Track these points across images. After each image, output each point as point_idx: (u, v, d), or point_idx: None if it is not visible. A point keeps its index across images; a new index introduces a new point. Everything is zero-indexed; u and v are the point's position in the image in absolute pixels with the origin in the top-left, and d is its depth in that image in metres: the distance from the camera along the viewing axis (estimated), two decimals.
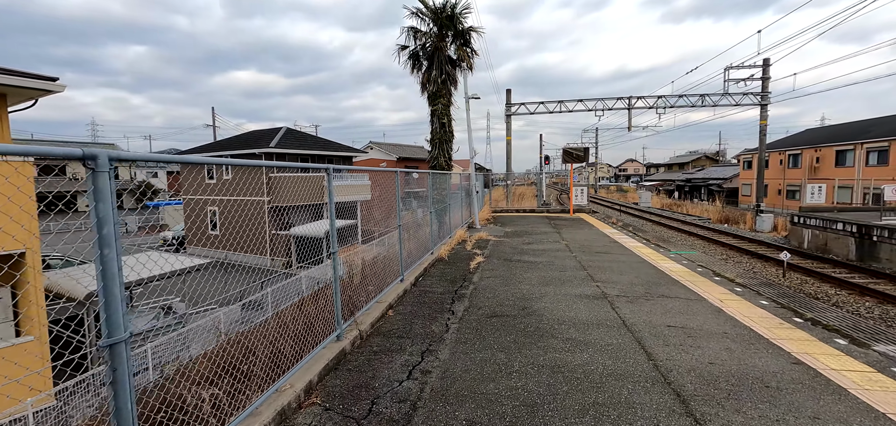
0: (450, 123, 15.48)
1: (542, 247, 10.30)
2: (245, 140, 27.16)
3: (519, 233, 12.84)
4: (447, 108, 15.31)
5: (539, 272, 7.71)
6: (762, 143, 28.97)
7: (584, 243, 10.93)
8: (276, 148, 23.18)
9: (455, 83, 15.48)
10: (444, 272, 7.78)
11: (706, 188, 60.98)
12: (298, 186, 23.74)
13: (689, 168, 79.34)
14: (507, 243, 10.99)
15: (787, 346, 4.33)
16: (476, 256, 9.08)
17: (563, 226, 14.53)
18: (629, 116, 29.32)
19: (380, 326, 5.02)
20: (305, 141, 26.08)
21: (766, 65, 27.80)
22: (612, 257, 9.08)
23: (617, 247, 10.32)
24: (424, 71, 15.36)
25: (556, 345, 4.41)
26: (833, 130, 41.92)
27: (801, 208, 19.42)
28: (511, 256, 9.23)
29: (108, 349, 1.93)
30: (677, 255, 9.36)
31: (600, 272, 7.69)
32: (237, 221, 24.67)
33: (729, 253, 16.38)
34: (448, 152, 15.42)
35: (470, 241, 11.04)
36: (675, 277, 7.28)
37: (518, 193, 33.85)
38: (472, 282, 7.07)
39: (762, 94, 28.04)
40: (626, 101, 28.88)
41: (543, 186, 23.62)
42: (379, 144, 42.51)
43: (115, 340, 1.94)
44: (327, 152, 26.28)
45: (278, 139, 24.32)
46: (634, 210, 37.30)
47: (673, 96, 28.59)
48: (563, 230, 13.61)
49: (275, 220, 23.76)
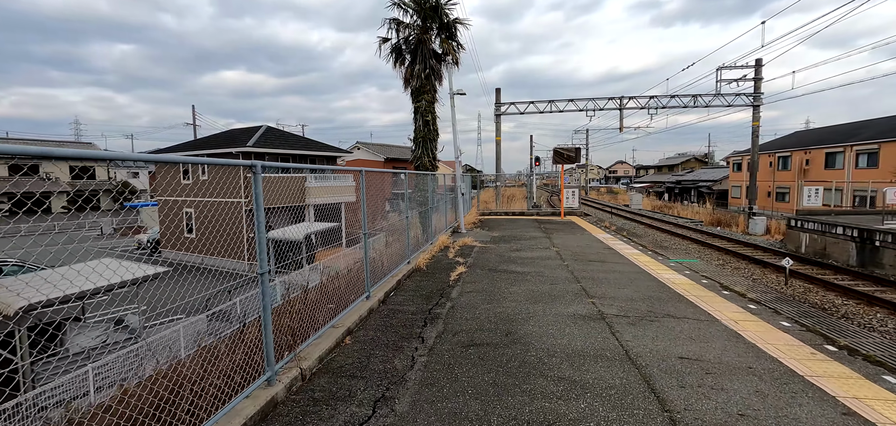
0: (434, 121, 14.59)
1: (531, 255, 9.44)
2: (222, 139, 25.96)
3: (506, 239, 11.99)
4: (431, 105, 14.42)
5: (527, 285, 6.84)
6: (755, 144, 28.57)
7: (577, 250, 10.10)
8: (254, 147, 22.07)
9: (440, 78, 14.59)
10: (420, 286, 6.87)
11: (696, 190, 60.96)
12: (278, 188, 22.66)
13: (679, 170, 79.50)
14: (493, 250, 10.11)
15: (830, 388, 3.50)
16: (458, 266, 8.18)
17: (554, 231, 13.71)
18: (621, 117, 28.75)
19: (331, 360, 4.08)
20: (286, 140, 24.99)
21: (758, 65, 27.40)
22: (607, 266, 8.25)
23: (612, 255, 9.50)
24: (407, 65, 14.45)
25: (545, 388, 3.52)
26: (822, 133, 41.89)
27: (798, 211, 18.89)
28: (496, 265, 8.34)
29: None
30: (678, 264, 8.57)
31: (596, 285, 6.84)
32: (214, 224, 23.49)
33: (726, 258, 15.72)
34: (432, 152, 14.52)
35: (453, 248, 10.15)
36: (680, 291, 6.46)
37: (508, 195, 33.12)
38: (450, 298, 6.17)
39: (754, 95, 27.63)
40: (617, 101, 28.29)
41: (534, 188, 22.84)
42: (366, 145, 41.46)
43: None
44: (309, 152, 25.21)
45: (257, 138, 23.20)
46: (626, 212, 36.77)
47: (664, 97, 28.06)
48: (554, 235, 12.78)
49: (253, 223, 22.66)
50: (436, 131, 14.56)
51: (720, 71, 27.58)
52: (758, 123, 28.00)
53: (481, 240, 11.48)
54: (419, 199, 11.30)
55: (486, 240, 11.56)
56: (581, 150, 16.82)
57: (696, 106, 27.93)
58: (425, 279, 7.26)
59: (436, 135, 14.59)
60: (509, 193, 35.21)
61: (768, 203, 44.73)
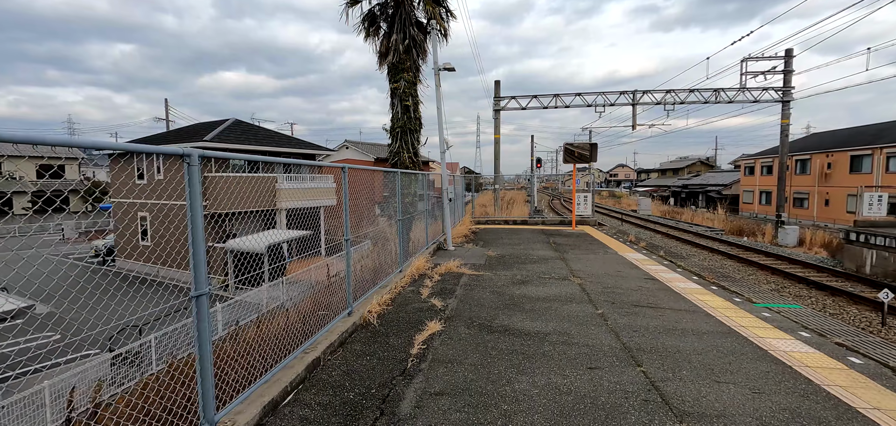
0: (416, 107, 11.54)
1: (545, 293, 6.38)
2: (183, 133, 22.88)
3: (507, 261, 8.92)
4: (413, 86, 11.37)
5: (546, 372, 3.77)
6: (784, 145, 25.56)
7: (608, 282, 7.04)
8: (214, 142, 18.99)
9: (423, 53, 11.55)
10: (351, 372, 3.78)
11: (704, 195, 58.06)
12: (243, 189, 19.59)
13: (685, 174, 76.63)
14: (487, 282, 7.04)
15: None
16: (430, 319, 5.11)
17: (568, 247, 10.65)
18: (633, 113, 25.76)
19: None
20: (256, 135, 21.90)
21: (788, 56, 24.45)
22: (668, 319, 5.19)
23: (663, 292, 6.45)
24: (383, 36, 11.42)
25: None
26: (846, 134, 38.96)
27: (857, 222, 15.89)
28: (492, 318, 5.26)
29: None
30: (774, 314, 5.52)
31: (672, 372, 3.77)
32: (170, 230, 20.38)
33: (783, 282, 12.64)
34: (413, 146, 11.46)
35: (431, 278, 7.08)
36: (837, 389, 3.41)
37: (507, 199, 30.06)
38: (396, 418, 3.09)
39: (784, 89, 24.68)
40: (629, 95, 25.34)
41: (535, 192, 19.83)
42: (355, 143, 38.37)
43: None
44: (283, 149, 22.13)
45: (219, 132, 20.13)
46: (635, 218, 33.78)
47: (682, 90, 25.09)
48: (570, 253, 9.73)
49: (213, 230, 19.53)
50: (418, 120, 11.51)
51: (745, 63, 24.63)
52: (787, 121, 25.02)
53: (472, 264, 8.41)
54: (401, 206, 8.29)
55: (479, 264, 8.48)
56: (596, 148, 13.82)
57: (718, 101, 24.97)
58: (365, 357, 4.16)
59: (418, 124, 11.54)
60: (509, 197, 32.16)
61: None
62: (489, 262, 8.68)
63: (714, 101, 24.99)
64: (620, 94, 25.45)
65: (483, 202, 34.02)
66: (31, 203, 38.11)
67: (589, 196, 15.82)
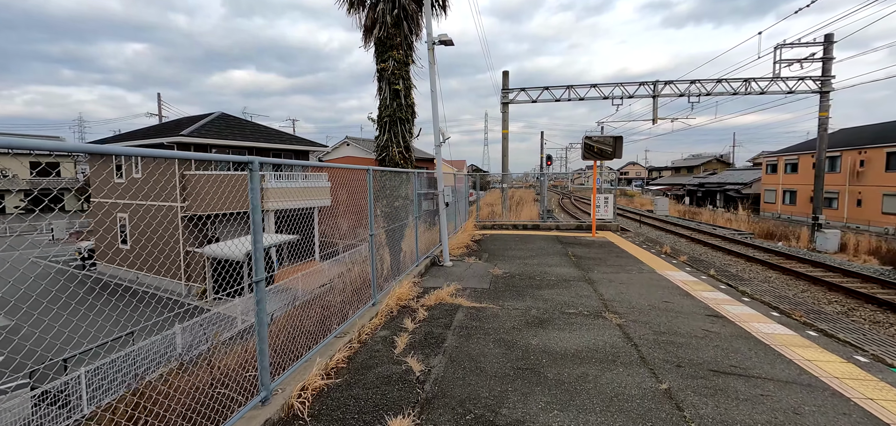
0: (408, 92, 9.63)
1: (573, 344, 4.44)
2: (163, 128, 21.25)
3: (517, 285, 6.98)
4: (404, 67, 9.46)
5: None
6: (823, 139, 23.21)
7: (659, 322, 5.08)
8: (192, 137, 17.27)
9: (417, 28, 9.63)
10: None
11: (722, 194, 55.44)
12: (226, 188, 17.87)
13: (700, 172, 73.84)
14: (490, 326, 5.10)
15: None
16: (397, 409, 3.21)
17: (592, 262, 8.69)
18: (654, 106, 23.62)
19: None
20: (243, 130, 20.15)
21: (828, 42, 22.14)
22: (776, 405, 3.24)
23: (741, 340, 4.49)
24: (368, 6, 9.53)
25: None
26: (880, 129, 36.31)
27: None
28: (496, 407, 3.33)
29: None
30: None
31: None
32: (148, 233, 18.75)
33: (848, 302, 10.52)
34: (404, 138, 9.56)
35: (414, 317, 5.18)
36: None
37: (516, 199, 28.11)
38: None
39: (823, 79, 22.37)
40: (650, 86, 23.20)
41: (545, 192, 17.88)
42: (356, 140, 36.54)
43: None
44: (272, 145, 20.37)
45: (200, 126, 18.41)
46: (651, 218, 31.61)
47: (709, 81, 22.92)
48: (596, 272, 7.77)
49: (194, 233, 17.84)
50: (410, 107, 9.60)
51: (779, 50, 22.36)
52: (827, 114, 22.70)
53: (472, 290, 6.49)
54: (373, 217, 6.45)
55: (481, 290, 6.57)
56: (621, 142, 11.82)
57: (747, 93, 22.73)
58: None
59: (410, 113, 9.63)
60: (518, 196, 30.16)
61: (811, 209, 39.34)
62: (494, 286, 6.76)
63: (743, 93, 22.77)
64: (640, 85, 23.33)
65: (490, 201, 32.00)
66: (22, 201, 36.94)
67: (610, 197, 13.81)
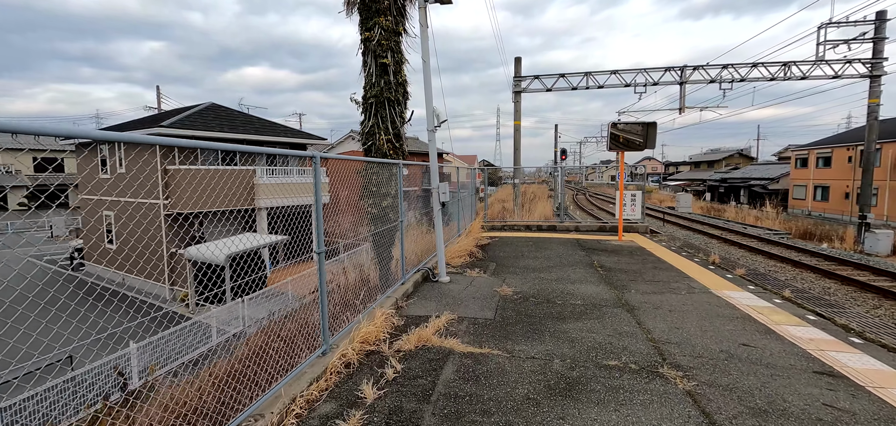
0: (399, 68, 7.94)
1: None
2: (148, 119, 19.97)
3: (530, 312, 5.26)
4: (394, 37, 7.76)
5: None
6: (872, 129, 20.85)
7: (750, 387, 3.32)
8: (175, 128, 15.88)
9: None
10: None
11: (747, 189, 52.58)
12: (215, 185, 16.47)
13: (721, 166, 70.71)
14: (491, 390, 3.36)
15: None
16: None
17: (627, 279, 6.92)
18: (681, 93, 21.53)
19: None
20: (232, 121, 18.73)
21: (881, 20, 19.79)
22: None
23: (892, 422, 2.74)
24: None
25: None
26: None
27: None
28: None
29: None
30: None
31: None
32: (133, 232, 17.49)
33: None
34: (394, 123, 7.89)
35: (378, 376, 3.52)
36: None
37: (529, 194, 26.25)
38: None
39: (874, 61, 20.03)
40: (677, 72, 21.15)
41: (561, 187, 16.12)
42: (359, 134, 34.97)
43: None
44: (264, 137, 18.92)
45: (183, 118, 17.03)
46: (675, 216, 29.48)
47: (743, 65, 20.77)
48: (633, 292, 6.01)
49: (180, 233, 16.49)
50: (401, 86, 7.91)
51: (824, 29, 20.08)
52: (877, 101, 20.37)
53: (471, 323, 4.81)
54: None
55: (482, 322, 4.88)
56: (654, 129, 9.99)
57: (787, 77, 20.52)
58: None
59: (401, 93, 7.95)
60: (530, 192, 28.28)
61: (846, 205, 36.66)
62: (502, 314, 5.07)
63: (783, 78, 20.56)
64: (665, 70, 21.29)
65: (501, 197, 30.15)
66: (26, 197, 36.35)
67: (638, 195, 11.96)
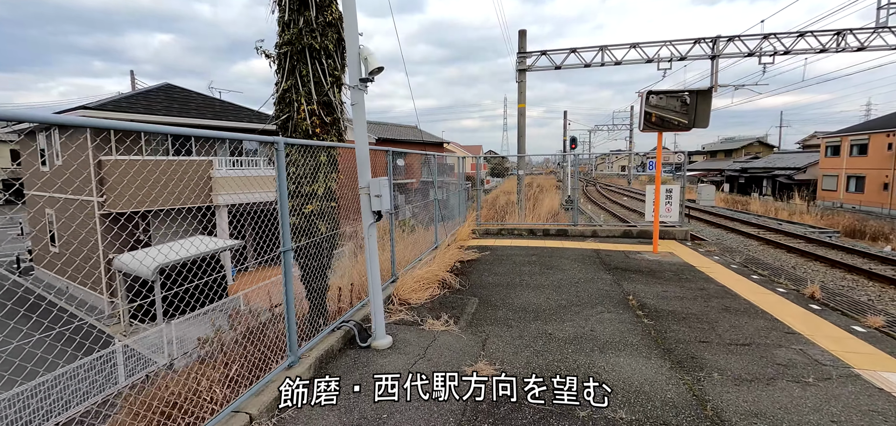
0: (331, 3, 5.19)
1: None
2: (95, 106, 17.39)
3: None
4: None
5: None
6: None
7: None
8: (107, 111, 13.28)
9: None
10: None
11: (770, 180, 49.03)
12: (161, 178, 13.87)
13: (741, 155, 66.98)
14: None
15: None
16: None
17: (693, 338, 4.12)
18: (713, 69, 18.39)
19: None
20: (187, 104, 16.04)
21: None
22: None
23: None
24: None
25: None
26: None
27: None
28: None
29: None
30: None
31: None
32: (75, 233, 15.02)
33: None
34: (321, 83, 5.13)
35: None
36: None
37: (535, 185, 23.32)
38: None
39: None
40: (708, 44, 18.07)
41: (568, 182, 13.22)
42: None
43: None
44: (227, 123, 16.25)
45: (127, 97, 14.41)
46: (698, 211, 26.46)
47: (789, 34, 17.64)
48: (716, 379, 3.29)
49: (123, 236, 13.95)
50: (332, 27, 5.15)
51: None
52: None
53: None
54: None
55: None
56: (708, 98, 7.12)
57: (840, 48, 17.36)
58: None
59: (334, 40, 5.19)
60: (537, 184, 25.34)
61: (884, 197, 33.27)
62: None
63: (835, 49, 17.40)
64: (694, 42, 18.24)
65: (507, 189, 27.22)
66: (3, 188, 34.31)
67: (675, 190, 9.12)
